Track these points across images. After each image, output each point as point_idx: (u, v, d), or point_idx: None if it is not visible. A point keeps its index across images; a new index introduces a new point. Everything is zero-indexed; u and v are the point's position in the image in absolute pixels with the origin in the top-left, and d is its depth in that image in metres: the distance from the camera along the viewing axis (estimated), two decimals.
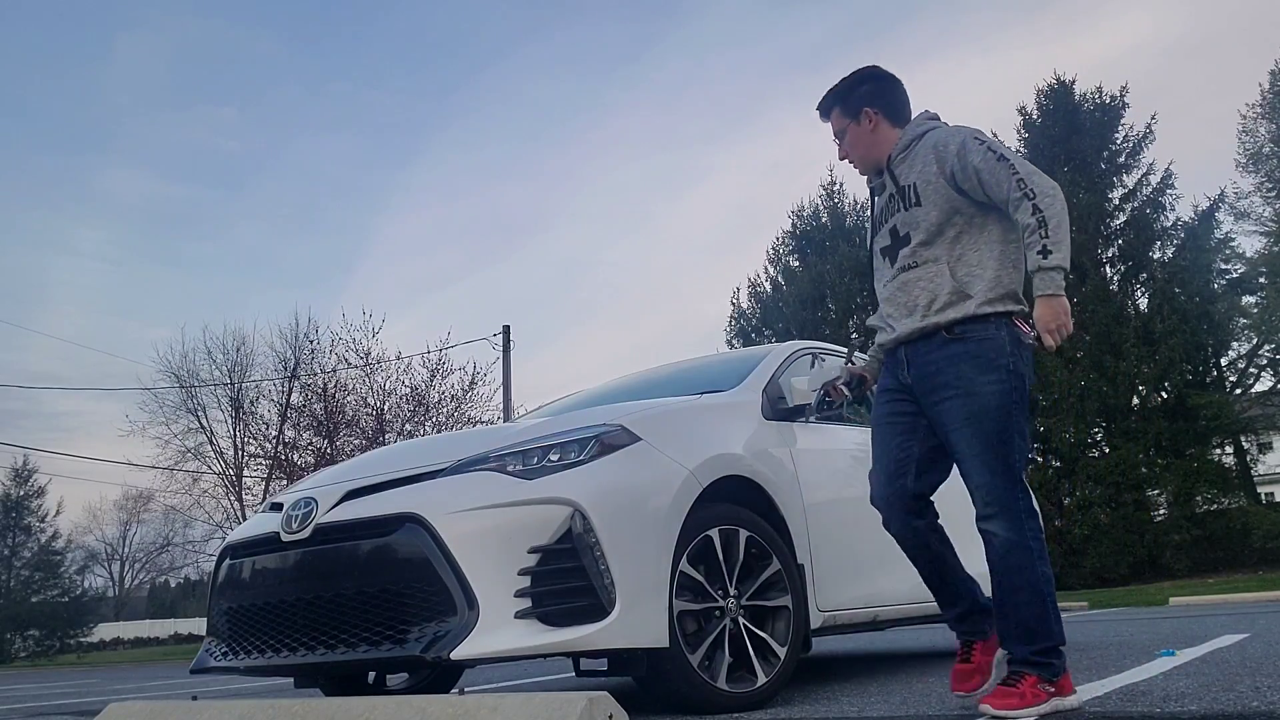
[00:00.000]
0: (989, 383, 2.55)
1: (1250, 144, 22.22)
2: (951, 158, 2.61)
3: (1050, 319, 2.47)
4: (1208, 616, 7.84)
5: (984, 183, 2.57)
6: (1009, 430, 2.55)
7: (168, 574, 52.27)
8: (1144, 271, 22.03)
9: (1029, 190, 2.50)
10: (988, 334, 2.58)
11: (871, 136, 2.80)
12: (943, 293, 2.62)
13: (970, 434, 2.56)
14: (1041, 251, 2.46)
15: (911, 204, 2.69)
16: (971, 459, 2.57)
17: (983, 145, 2.60)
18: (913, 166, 2.71)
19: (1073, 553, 19.46)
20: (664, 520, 2.82)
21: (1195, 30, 55.52)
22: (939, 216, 2.64)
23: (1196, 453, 20.47)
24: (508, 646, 2.56)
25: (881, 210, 2.83)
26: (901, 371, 2.75)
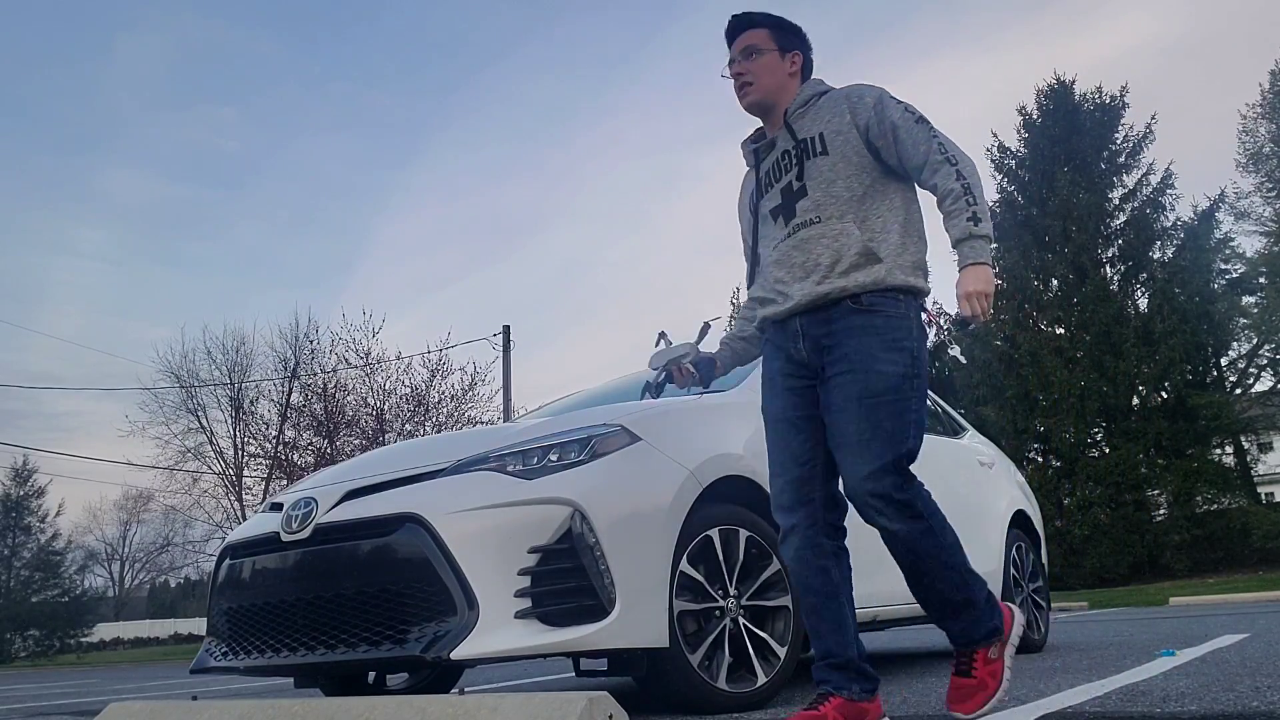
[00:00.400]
0: (891, 363, 2.31)
1: (1250, 144, 22.25)
2: (868, 109, 2.40)
3: (982, 284, 2.27)
4: (1208, 616, 7.84)
5: (899, 141, 2.37)
6: (905, 419, 2.32)
7: (168, 574, 52.30)
8: (1144, 271, 22.03)
9: (950, 156, 2.33)
10: (898, 311, 2.36)
11: (786, 78, 2.53)
12: (849, 252, 2.35)
13: (860, 416, 2.29)
14: (972, 219, 2.28)
15: (816, 153, 2.43)
16: (857, 445, 2.29)
17: (901, 104, 2.42)
18: (817, 118, 2.46)
19: (1073, 553, 19.46)
20: (664, 520, 2.82)
21: (1195, 30, 55.56)
22: (847, 169, 2.40)
23: (1196, 453, 20.48)
24: (508, 646, 2.56)
25: (770, 171, 2.55)
26: (794, 346, 2.45)
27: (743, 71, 2.52)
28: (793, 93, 2.53)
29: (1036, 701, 2.75)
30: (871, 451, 2.27)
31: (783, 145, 2.51)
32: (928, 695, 3.11)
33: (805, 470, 2.42)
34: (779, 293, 2.46)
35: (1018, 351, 21.24)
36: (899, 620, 4.09)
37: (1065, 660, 4.14)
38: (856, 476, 2.29)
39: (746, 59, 2.52)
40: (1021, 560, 4.91)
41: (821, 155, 2.42)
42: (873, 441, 2.27)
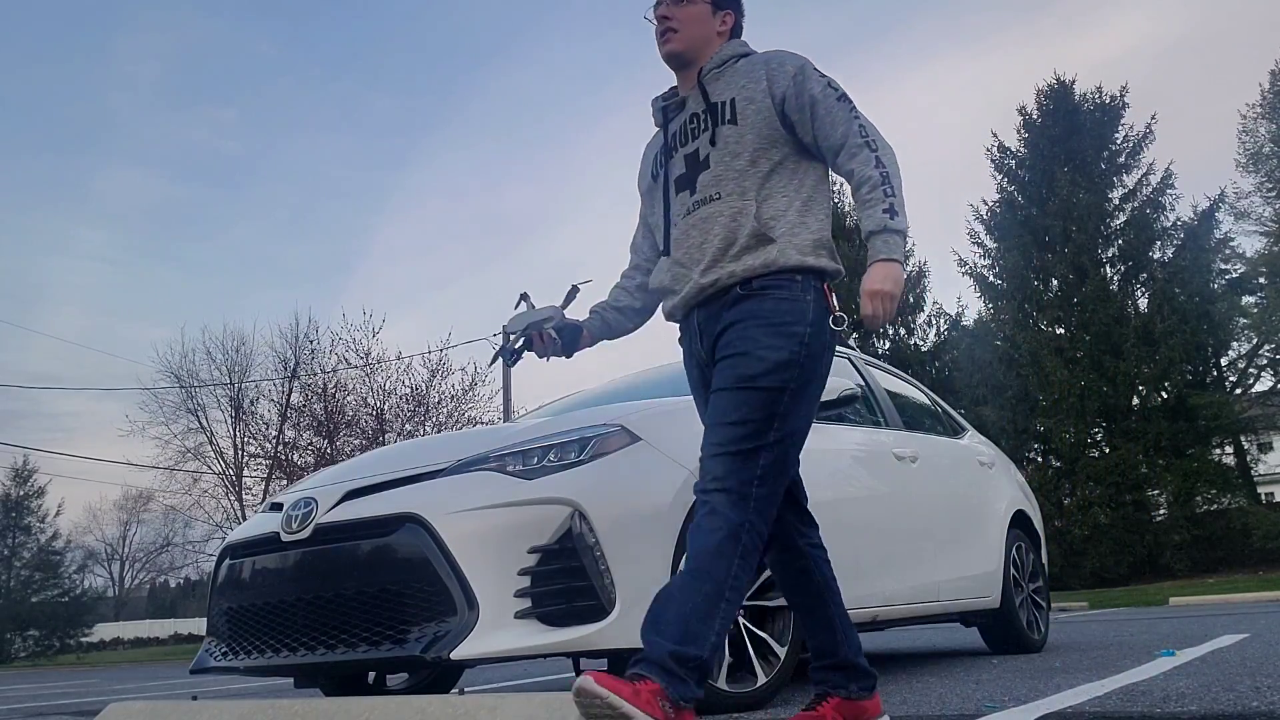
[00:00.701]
0: (773, 349, 2.09)
1: (1250, 144, 22.24)
2: (786, 79, 2.21)
3: (889, 284, 2.08)
4: (1207, 616, 7.84)
5: (816, 117, 2.18)
6: (773, 410, 2.06)
7: (168, 574, 52.27)
8: (1144, 271, 22.03)
9: (870, 140, 2.14)
10: (791, 294, 2.15)
11: (713, 34, 2.33)
12: (742, 234, 2.16)
13: (730, 399, 2.08)
14: (889, 211, 2.09)
15: (724, 121, 2.23)
16: (719, 427, 2.08)
17: (824, 78, 2.22)
18: (732, 82, 2.27)
19: (1073, 553, 19.46)
20: (664, 520, 2.82)
21: (1195, 30, 55.55)
22: (755, 142, 2.20)
23: (1196, 453, 20.48)
24: (508, 646, 2.56)
25: (677, 134, 2.35)
26: (697, 345, 2.28)
27: (669, 16, 2.30)
28: (713, 51, 2.34)
29: (1036, 701, 2.75)
30: (729, 435, 2.05)
31: (693, 107, 2.32)
32: (928, 695, 3.11)
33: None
34: (676, 278, 2.28)
35: (1018, 351, 21.24)
36: (899, 620, 4.09)
37: (1065, 660, 4.15)
38: (708, 454, 2.08)
39: (676, 3, 2.30)
40: (1021, 560, 4.91)
41: (730, 124, 2.22)
42: (733, 426, 2.05)
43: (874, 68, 57.48)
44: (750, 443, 2.04)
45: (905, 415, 4.60)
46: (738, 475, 2.03)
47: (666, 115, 2.40)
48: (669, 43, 2.31)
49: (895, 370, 5.20)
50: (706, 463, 2.08)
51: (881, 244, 2.11)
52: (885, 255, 2.11)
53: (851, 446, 3.94)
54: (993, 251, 23.21)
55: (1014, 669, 3.87)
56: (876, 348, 24.09)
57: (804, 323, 2.13)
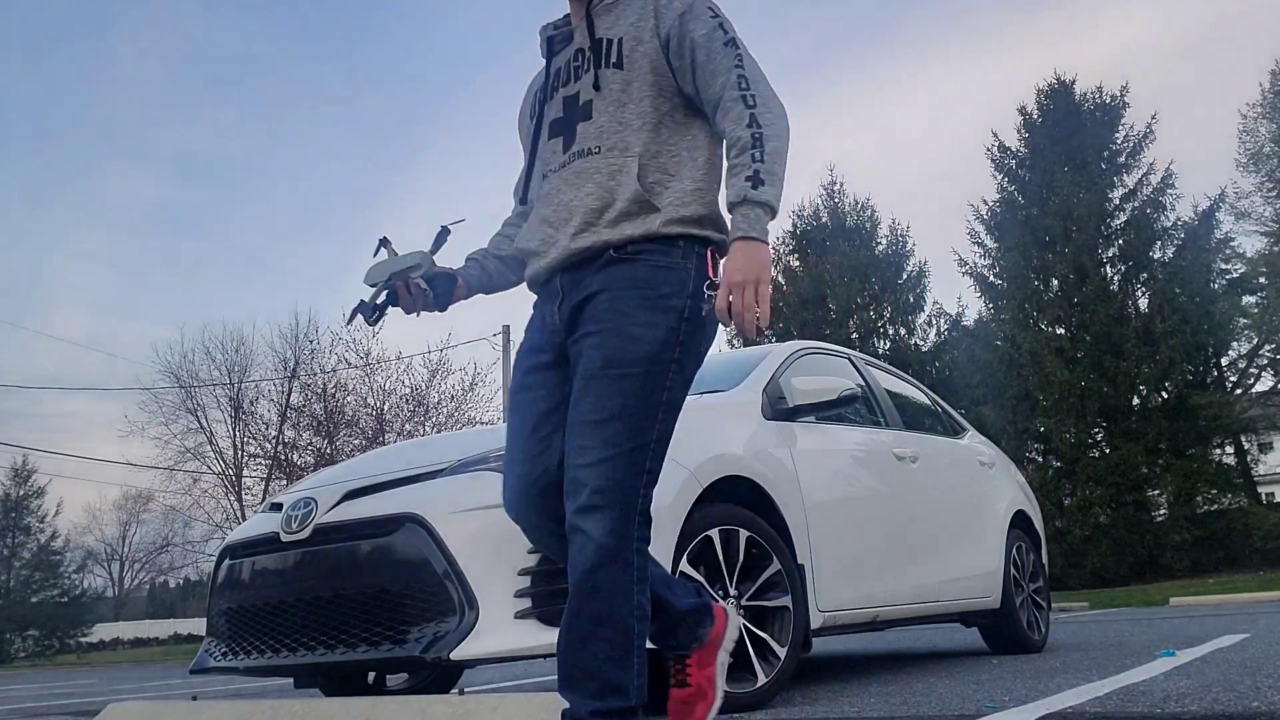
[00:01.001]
0: (649, 325, 1.80)
1: (1251, 144, 22.22)
2: (673, 17, 1.90)
3: (749, 271, 1.73)
4: (1208, 617, 7.84)
5: (696, 64, 1.87)
6: (654, 399, 1.80)
7: (167, 574, 52.25)
8: (1144, 271, 22.01)
9: (749, 95, 1.81)
10: (669, 260, 1.85)
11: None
12: (621, 197, 1.85)
13: (601, 389, 1.78)
14: (752, 179, 1.75)
15: (609, 63, 1.92)
16: (590, 426, 1.77)
17: (715, 17, 1.90)
18: (623, 17, 1.95)
19: (1073, 553, 19.46)
20: (664, 520, 2.81)
21: (1196, 30, 55.55)
22: (642, 90, 1.90)
23: (1197, 453, 20.47)
24: (508, 647, 2.56)
25: (560, 71, 2.03)
26: (551, 311, 1.95)
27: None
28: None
29: (1037, 702, 2.74)
30: (605, 435, 1.76)
31: (579, 42, 1.99)
32: (928, 695, 3.11)
33: (536, 446, 1.91)
34: (545, 240, 1.94)
35: (1018, 351, 21.22)
36: (899, 620, 4.09)
37: (1066, 660, 4.14)
38: (578, 461, 1.77)
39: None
40: (1022, 560, 4.91)
41: (615, 68, 1.91)
42: (610, 423, 1.76)
43: (874, 68, 57.47)
44: (630, 442, 1.76)
45: (905, 415, 4.59)
46: (620, 488, 1.75)
47: (551, 47, 2.07)
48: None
49: (895, 370, 5.20)
50: (578, 472, 1.76)
51: (740, 219, 1.76)
52: (742, 232, 1.75)
53: (851, 446, 3.94)
54: (993, 251, 23.19)
55: (1014, 669, 3.87)
56: (876, 348, 24.08)
57: (683, 294, 1.84)
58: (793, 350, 4.08)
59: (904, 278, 24.99)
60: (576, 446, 1.79)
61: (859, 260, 24.60)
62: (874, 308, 24.84)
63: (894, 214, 31.06)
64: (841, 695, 3.26)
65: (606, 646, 1.73)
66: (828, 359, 4.38)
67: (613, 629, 1.73)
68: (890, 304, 24.74)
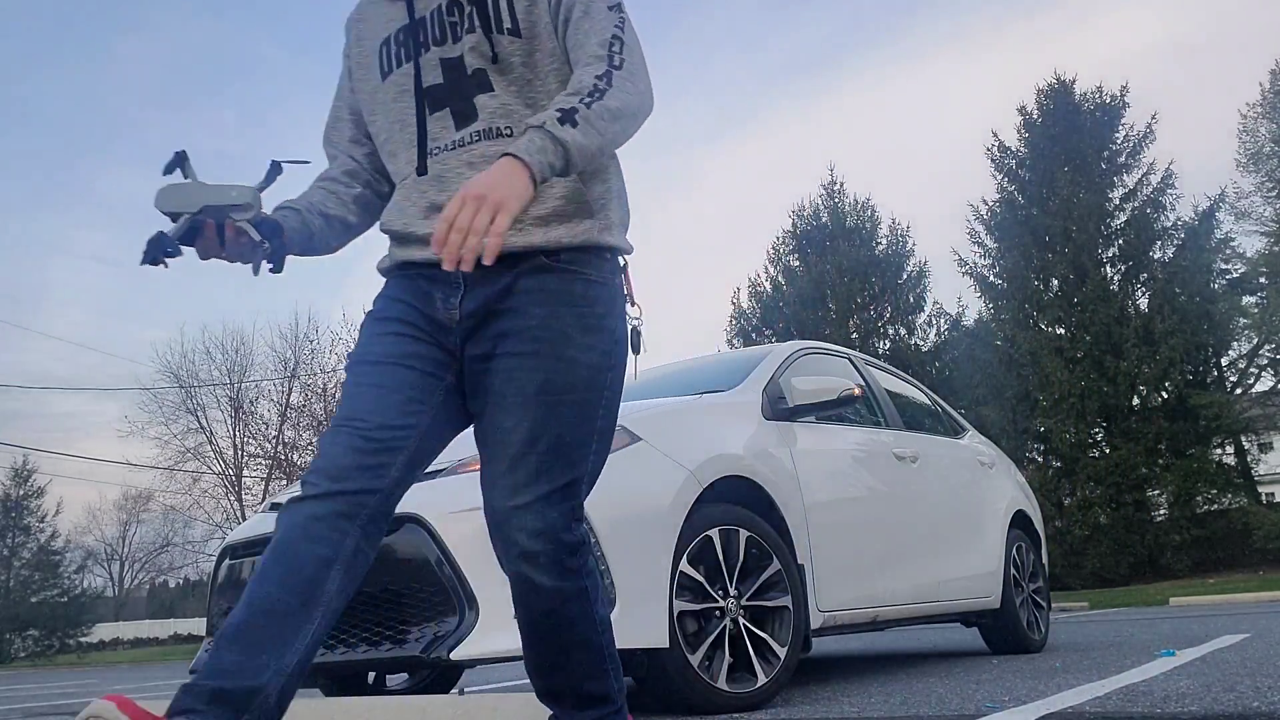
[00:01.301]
0: (587, 349, 1.59)
1: (1251, 144, 22.21)
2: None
3: (497, 189, 1.37)
4: (1208, 617, 7.84)
5: (571, 20, 1.59)
6: (590, 427, 1.61)
7: (167, 574, 52.26)
8: (1144, 271, 22.02)
9: (619, 59, 1.54)
10: (601, 275, 1.64)
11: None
12: (552, 194, 1.58)
13: (536, 417, 1.55)
14: (565, 115, 1.46)
15: (502, 28, 1.60)
16: (521, 459, 1.56)
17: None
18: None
19: (1073, 553, 19.46)
20: (664, 520, 2.82)
21: (1196, 30, 55.57)
22: (546, 64, 1.62)
23: (1197, 453, 20.47)
24: (507, 647, 2.56)
25: (430, 22, 1.63)
26: (445, 302, 1.62)
27: None
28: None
29: (1037, 702, 2.74)
30: (540, 469, 1.56)
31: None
32: (928, 696, 3.11)
33: (382, 430, 1.55)
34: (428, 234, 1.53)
35: (1018, 351, 21.23)
36: (899, 620, 4.09)
37: (1066, 660, 4.14)
38: (512, 502, 1.56)
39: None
40: (1022, 560, 4.91)
41: (511, 34, 1.59)
42: (546, 455, 1.56)
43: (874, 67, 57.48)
44: (566, 476, 1.58)
45: (905, 415, 4.59)
46: (557, 527, 1.56)
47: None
48: None
49: (895, 370, 5.20)
50: (513, 514, 1.56)
51: (525, 141, 1.43)
52: (512, 150, 1.42)
53: (851, 446, 3.94)
54: (993, 251, 23.19)
55: (1014, 669, 3.87)
56: (876, 348, 24.09)
57: (614, 314, 1.66)
58: (793, 350, 4.08)
59: (904, 278, 25.00)
60: (509, 478, 1.57)
61: (859, 260, 24.60)
62: (874, 308, 24.85)
63: (894, 214, 31.05)
64: (841, 695, 3.26)
65: (580, 668, 1.64)
66: (828, 359, 4.38)
67: (582, 652, 1.64)
68: (890, 304, 24.75)
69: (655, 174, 65.36)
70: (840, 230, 25.69)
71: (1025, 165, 23.23)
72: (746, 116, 63.06)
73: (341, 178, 1.78)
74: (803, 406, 3.60)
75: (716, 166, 67.07)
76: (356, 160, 1.78)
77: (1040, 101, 23.30)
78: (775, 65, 63.30)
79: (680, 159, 68.01)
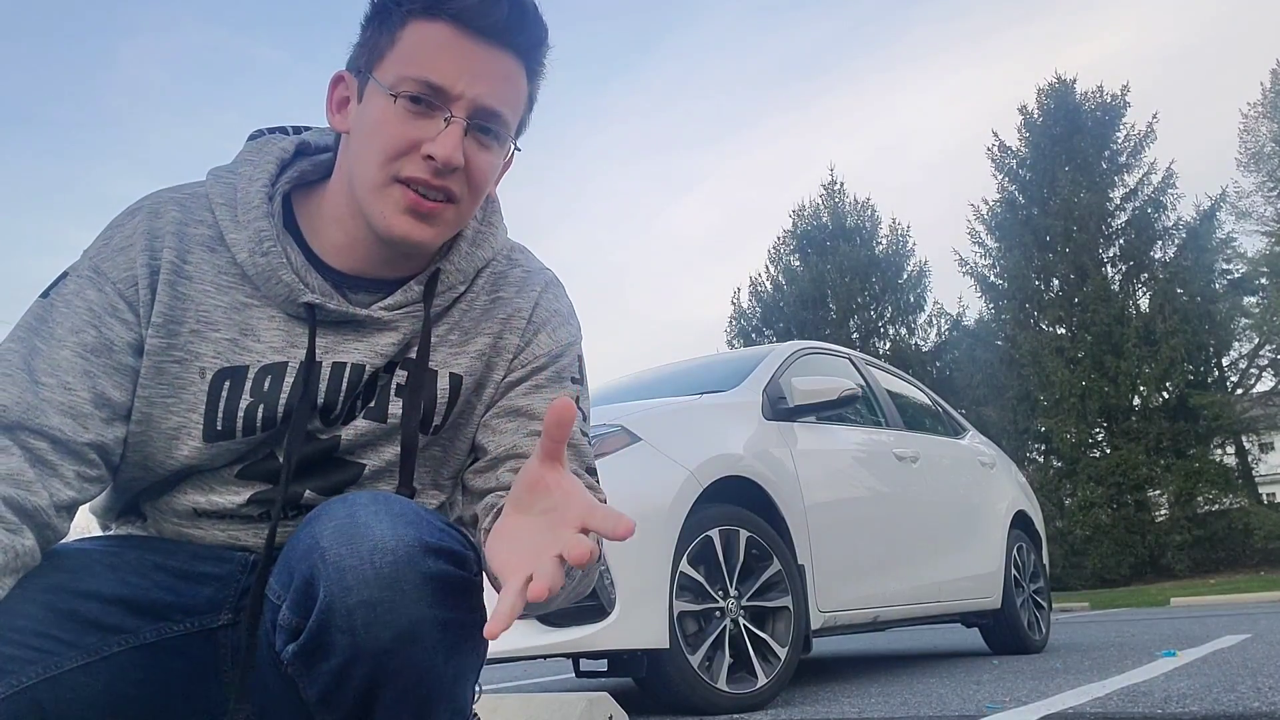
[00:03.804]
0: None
1: (1252, 143, 22.20)
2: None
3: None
4: (1209, 617, 7.83)
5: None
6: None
7: None
8: (1145, 271, 22.01)
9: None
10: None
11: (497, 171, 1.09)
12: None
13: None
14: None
15: (428, 426, 1.10)
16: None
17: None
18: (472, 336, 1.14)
19: (1074, 553, 19.47)
20: (664, 521, 2.81)
21: (1196, 29, 55.56)
22: (457, 460, 1.20)
23: (1198, 453, 20.47)
24: (508, 646, 2.56)
25: (327, 375, 1.05)
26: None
27: (469, 161, 1.00)
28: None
29: (1038, 702, 2.74)
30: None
31: (384, 349, 1.07)
32: (929, 696, 3.11)
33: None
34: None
35: (1019, 351, 21.23)
36: (900, 620, 4.09)
37: (1066, 661, 4.14)
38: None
39: (485, 132, 1.02)
40: (1022, 560, 4.91)
41: (434, 434, 1.12)
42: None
43: (874, 67, 57.46)
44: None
45: (906, 415, 4.59)
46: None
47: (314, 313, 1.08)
48: (438, 222, 1.02)
49: (896, 370, 5.20)
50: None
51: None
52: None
53: (852, 446, 3.93)
54: (994, 251, 23.19)
55: (1015, 669, 3.87)
56: (876, 348, 24.09)
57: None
58: (793, 350, 4.08)
59: (904, 278, 25.00)
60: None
61: (859, 260, 24.60)
62: (874, 308, 24.86)
63: (894, 214, 31.07)
64: (841, 695, 3.26)
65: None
66: (828, 359, 4.37)
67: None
68: (890, 304, 24.76)
69: (655, 174, 65.40)
70: (840, 230, 25.70)
71: (1026, 165, 23.24)
72: (747, 116, 63.07)
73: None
74: (803, 407, 3.59)
75: (717, 166, 67.11)
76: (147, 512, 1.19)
77: (1041, 101, 23.31)
78: (775, 65, 63.33)
79: (680, 159, 68.02)
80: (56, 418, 0.96)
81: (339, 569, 0.85)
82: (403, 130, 0.97)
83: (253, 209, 1.04)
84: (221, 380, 1.02)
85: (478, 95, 0.98)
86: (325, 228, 1.06)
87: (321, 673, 0.88)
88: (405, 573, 0.86)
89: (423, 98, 0.97)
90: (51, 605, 0.93)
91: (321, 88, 1.08)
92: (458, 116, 0.97)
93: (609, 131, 64.79)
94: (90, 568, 0.99)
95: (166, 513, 1.08)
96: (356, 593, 0.85)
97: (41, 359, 0.97)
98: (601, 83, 65.96)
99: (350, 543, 0.86)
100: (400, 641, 0.86)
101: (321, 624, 0.86)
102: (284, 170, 1.09)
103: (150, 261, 1.02)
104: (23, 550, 0.90)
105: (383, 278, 1.06)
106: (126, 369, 1.01)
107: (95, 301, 1.01)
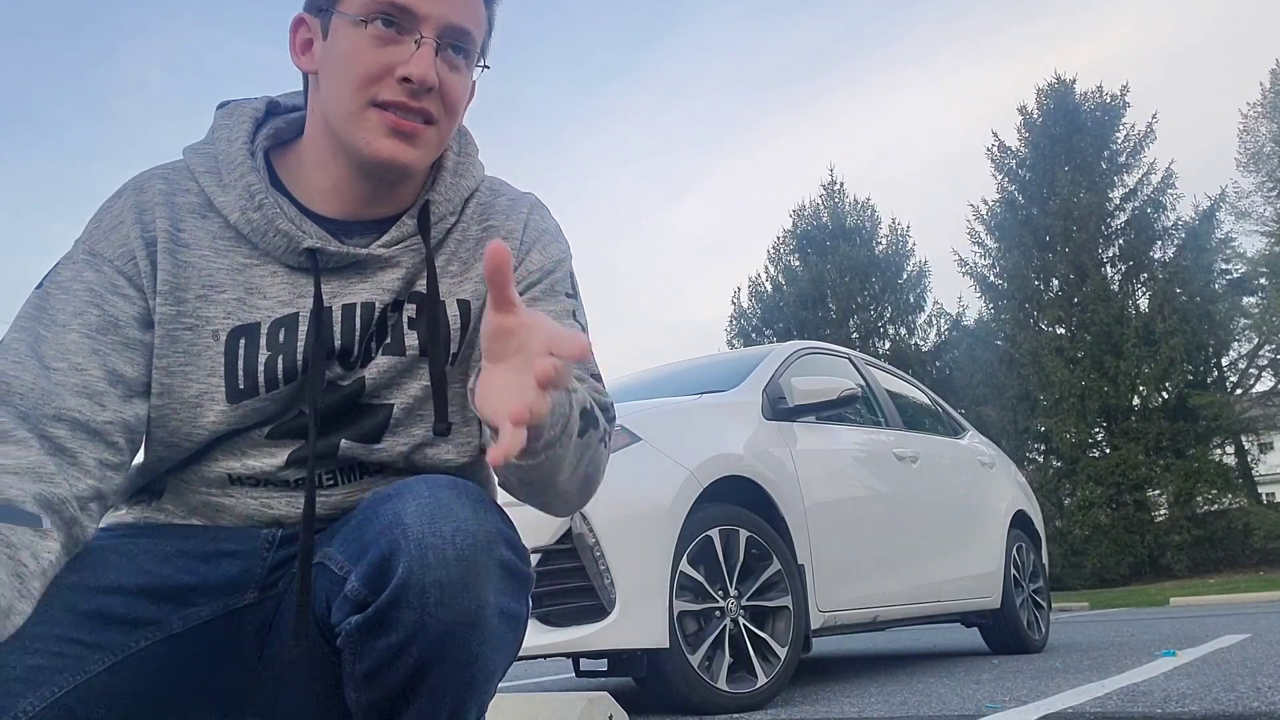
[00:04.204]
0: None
1: (1251, 143, 22.21)
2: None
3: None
4: (1208, 617, 7.84)
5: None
6: None
7: None
8: (1145, 271, 22.03)
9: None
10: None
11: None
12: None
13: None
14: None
15: (450, 358, 1.11)
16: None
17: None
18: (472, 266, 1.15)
19: (1073, 553, 19.48)
20: (664, 520, 2.81)
21: (1196, 29, 55.56)
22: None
23: (1197, 453, 20.48)
24: None
25: (339, 317, 1.05)
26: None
27: (443, 82, 1.01)
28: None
29: (1037, 702, 2.74)
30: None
31: (389, 287, 1.07)
32: (928, 696, 3.11)
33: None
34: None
35: (1018, 351, 21.25)
36: (900, 620, 4.09)
37: (1066, 661, 4.14)
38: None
39: (456, 51, 1.03)
40: (1022, 560, 4.91)
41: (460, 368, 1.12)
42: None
43: (874, 67, 57.47)
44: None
45: (906, 415, 4.59)
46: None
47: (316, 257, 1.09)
48: (418, 145, 1.03)
49: (895, 370, 5.20)
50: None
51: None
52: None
53: (852, 446, 3.94)
54: (993, 251, 23.21)
55: (1014, 669, 3.87)
56: (876, 348, 24.10)
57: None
58: (793, 350, 4.08)
59: (904, 278, 25.01)
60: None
61: (859, 260, 24.61)
62: (874, 308, 24.87)
63: (894, 214, 31.09)
64: (841, 695, 3.26)
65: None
66: (828, 359, 4.38)
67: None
68: (890, 304, 24.77)
69: (655, 174, 65.43)
70: (840, 230, 25.71)
71: (1026, 165, 23.25)
72: (746, 116, 63.07)
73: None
74: (803, 406, 3.60)
75: (717, 166, 67.12)
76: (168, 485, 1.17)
77: (1040, 101, 23.32)
78: (775, 65, 63.34)
79: (680, 159, 68.03)
80: (72, 399, 0.95)
81: (421, 546, 0.86)
82: (375, 55, 0.99)
83: (237, 166, 1.04)
84: (236, 339, 1.02)
85: (444, 14, 1.00)
86: (308, 176, 1.07)
87: (376, 648, 0.88)
88: (482, 557, 0.88)
89: (394, 19, 0.99)
90: (73, 606, 0.92)
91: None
92: (428, 37, 0.99)
93: (609, 131, 64.74)
94: (107, 560, 0.98)
95: (195, 482, 1.06)
96: (434, 571, 0.86)
97: (48, 345, 0.97)
98: (601, 83, 65.94)
99: (434, 522, 0.88)
100: (462, 625, 0.87)
101: (394, 600, 0.86)
102: (259, 129, 1.10)
103: (144, 234, 1.02)
104: (53, 551, 0.88)
105: (373, 218, 1.07)
106: (136, 344, 1.00)
107: (94, 282, 1.01)
